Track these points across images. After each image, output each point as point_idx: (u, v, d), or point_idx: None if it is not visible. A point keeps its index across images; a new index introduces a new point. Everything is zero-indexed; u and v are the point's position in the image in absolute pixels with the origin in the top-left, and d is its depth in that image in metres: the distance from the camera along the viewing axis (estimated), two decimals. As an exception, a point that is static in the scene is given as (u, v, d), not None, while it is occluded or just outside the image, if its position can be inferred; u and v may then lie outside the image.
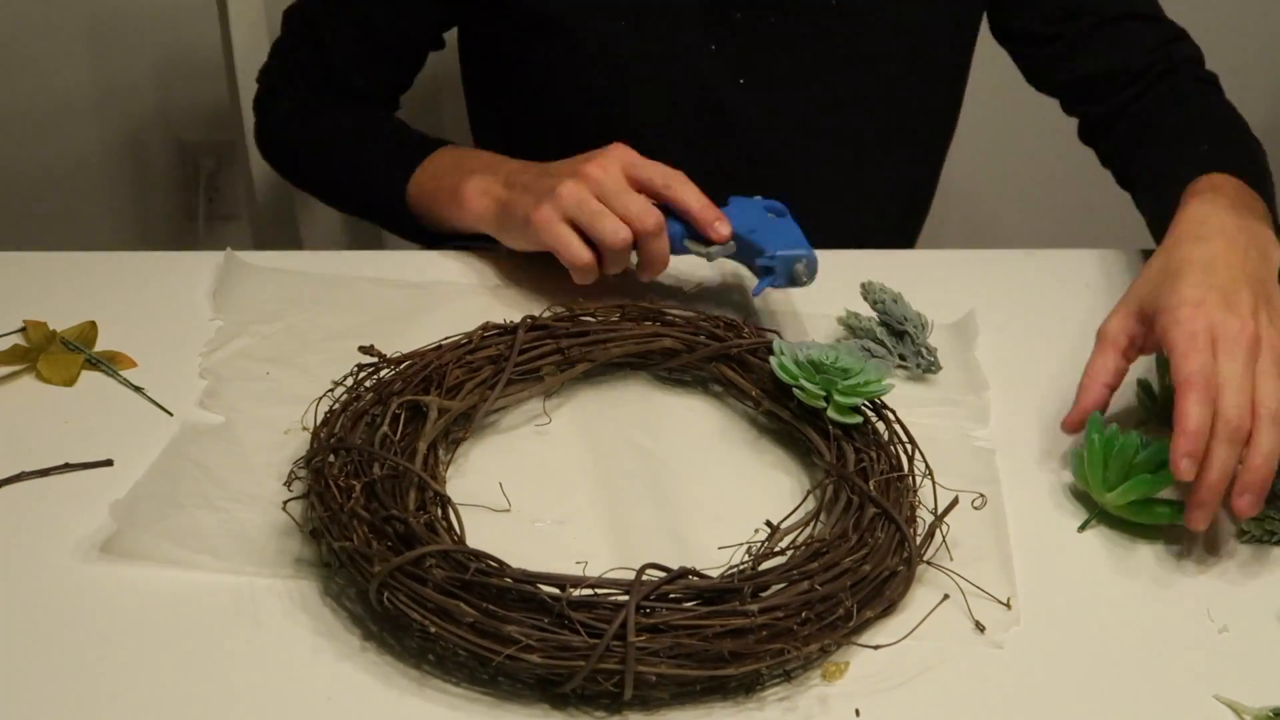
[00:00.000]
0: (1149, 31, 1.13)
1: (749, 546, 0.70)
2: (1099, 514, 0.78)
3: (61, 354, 0.88)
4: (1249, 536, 0.78)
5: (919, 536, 0.73)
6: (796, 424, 0.83)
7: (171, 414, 0.84)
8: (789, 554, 0.69)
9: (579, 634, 0.62)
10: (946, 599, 0.71)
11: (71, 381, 0.87)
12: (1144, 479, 0.76)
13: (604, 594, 0.64)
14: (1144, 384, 0.90)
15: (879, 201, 1.24)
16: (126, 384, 0.87)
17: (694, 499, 0.79)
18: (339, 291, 0.98)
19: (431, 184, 1.06)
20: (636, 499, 0.78)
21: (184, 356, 0.89)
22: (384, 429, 0.75)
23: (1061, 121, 1.30)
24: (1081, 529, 0.78)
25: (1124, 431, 0.79)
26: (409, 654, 0.67)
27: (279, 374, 0.88)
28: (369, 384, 0.81)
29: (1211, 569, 0.76)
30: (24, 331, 0.91)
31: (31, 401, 0.85)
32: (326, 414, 0.78)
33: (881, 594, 0.69)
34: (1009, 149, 1.95)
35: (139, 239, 2.09)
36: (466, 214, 1.01)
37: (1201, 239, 0.88)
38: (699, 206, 0.92)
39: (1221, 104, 1.12)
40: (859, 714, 0.64)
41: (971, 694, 0.66)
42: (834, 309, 0.97)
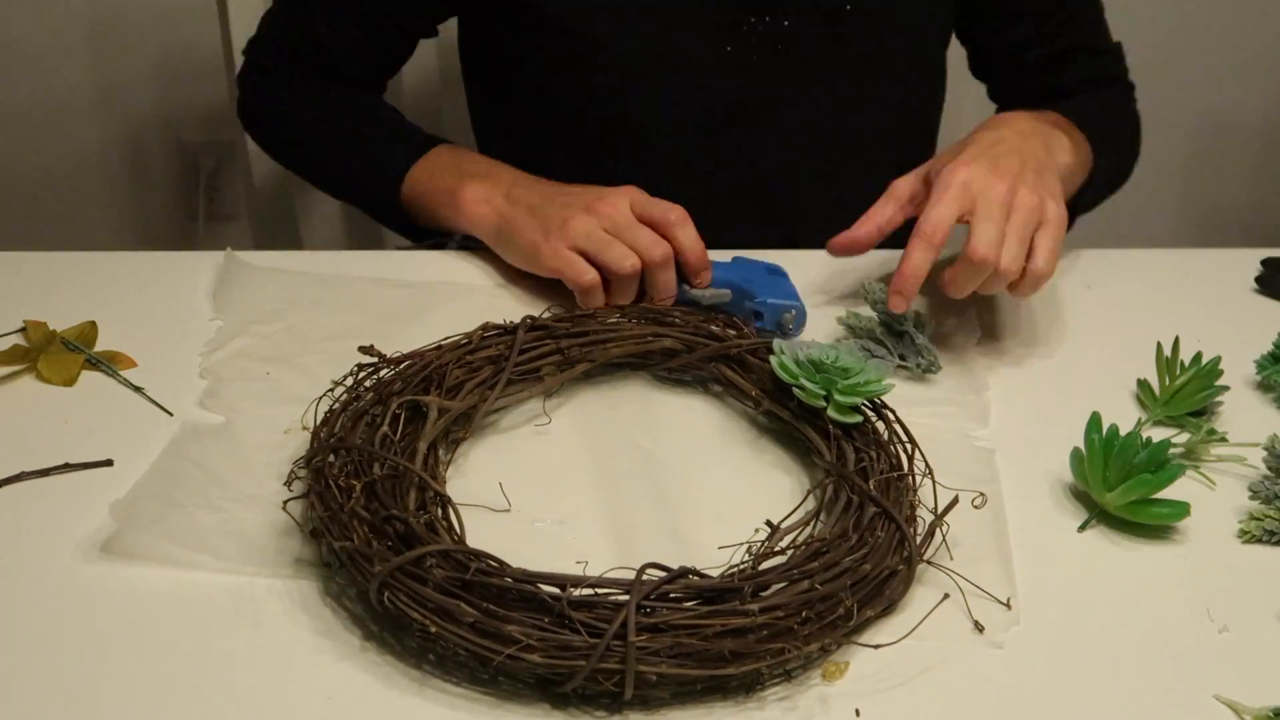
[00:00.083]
0: (1093, 63, 1.22)
1: (749, 546, 0.70)
2: (1099, 514, 0.78)
3: (61, 354, 0.88)
4: (1249, 536, 0.78)
5: (919, 536, 0.73)
6: (796, 424, 0.83)
7: (171, 414, 0.84)
8: (789, 553, 0.69)
9: (579, 634, 0.62)
10: (946, 599, 0.71)
11: (71, 381, 0.87)
12: (1144, 479, 0.76)
13: (604, 594, 0.64)
14: (1144, 384, 0.90)
15: (876, 199, 1.24)
16: (126, 384, 0.87)
17: (694, 499, 0.79)
18: (339, 291, 0.98)
19: (427, 182, 1.06)
20: (636, 499, 0.78)
21: (184, 356, 0.89)
22: (384, 429, 0.75)
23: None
24: (1081, 529, 0.78)
25: (1124, 432, 0.79)
26: (409, 654, 0.66)
27: (279, 374, 0.88)
28: (369, 384, 0.81)
29: (1211, 569, 0.75)
30: (24, 331, 0.91)
31: (31, 401, 0.85)
32: (326, 414, 0.78)
33: (881, 593, 0.69)
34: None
35: (139, 239, 2.09)
36: (462, 219, 1.02)
37: (997, 127, 0.99)
38: (691, 249, 0.94)
39: (1120, 101, 1.22)
40: (859, 714, 0.64)
41: (971, 694, 0.66)
42: (834, 309, 0.97)
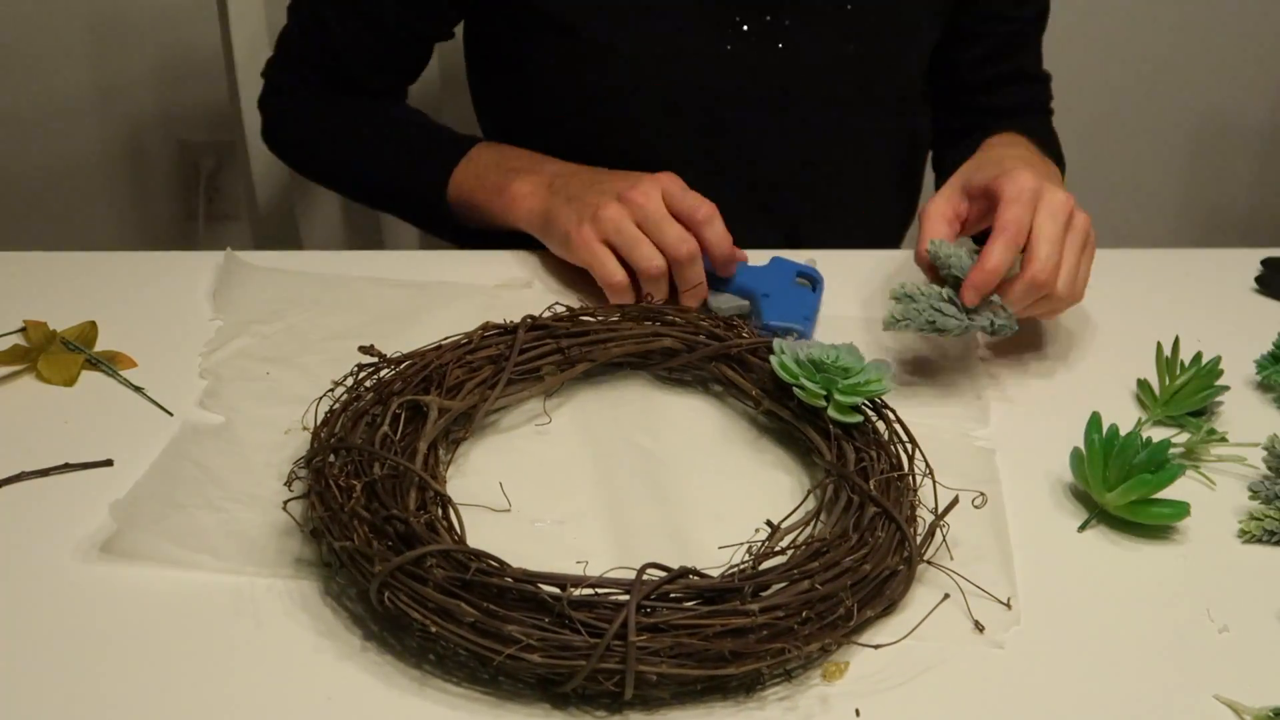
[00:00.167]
0: (1029, 90, 1.27)
1: (749, 546, 0.70)
2: (1099, 514, 0.78)
3: (61, 354, 0.88)
4: (1249, 536, 0.78)
5: (919, 536, 0.73)
6: (796, 423, 0.83)
7: (171, 414, 0.84)
8: (789, 553, 0.69)
9: (580, 634, 0.62)
10: (946, 599, 0.71)
11: (71, 381, 0.87)
12: (1144, 479, 0.76)
13: (604, 594, 0.64)
14: (1144, 384, 0.90)
15: (876, 199, 1.25)
16: (126, 384, 0.87)
17: (694, 499, 0.79)
18: (339, 291, 0.98)
19: (473, 181, 1.07)
20: (637, 499, 0.78)
21: (184, 356, 0.89)
22: (384, 429, 0.75)
23: (1060, 123, 1.29)
24: (1081, 529, 0.78)
25: (1124, 432, 0.79)
26: (409, 654, 0.66)
27: (279, 374, 0.88)
28: (369, 384, 0.81)
29: (1211, 569, 0.76)
30: (24, 331, 0.91)
31: (31, 401, 0.85)
32: (326, 414, 0.78)
33: (882, 593, 0.69)
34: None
35: (139, 239, 2.09)
36: (512, 214, 1.03)
37: (1013, 145, 1.04)
38: (716, 246, 0.94)
39: (1047, 126, 1.28)
40: (859, 714, 0.64)
41: (971, 694, 0.66)
42: (841, 310, 0.98)
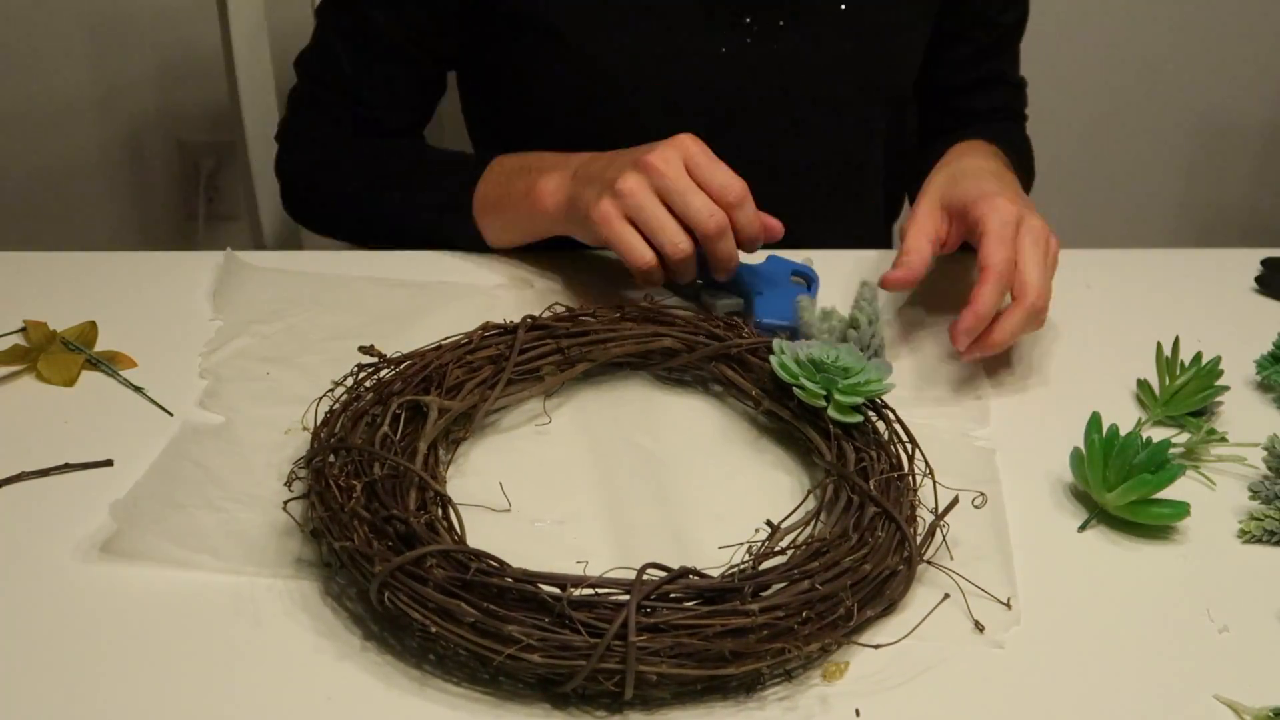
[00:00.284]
0: (1006, 93, 1.29)
1: (749, 546, 0.70)
2: (1099, 514, 0.78)
3: (61, 354, 0.88)
4: (1249, 537, 0.78)
5: (919, 536, 0.73)
6: (796, 423, 0.83)
7: (171, 414, 0.84)
8: (789, 553, 0.69)
9: (580, 634, 0.62)
10: (946, 599, 0.71)
11: (71, 381, 0.87)
12: (1144, 479, 0.76)
13: (605, 594, 0.64)
14: (1144, 384, 0.90)
15: (873, 198, 1.25)
16: (126, 384, 0.87)
17: (694, 499, 0.79)
18: (339, 291, 0.98)
19: (498, 191, 1.02)
20: (636, 499, 0.78)
21: (184, 356, 0.89)
22: (384, 429, 0.75)
23: (1060, 123, 1.30)
24: (1081, 529, 0.78)
25: (1124, 432, 0.79)
26: (409, 654, 0.66)
27: (279, 374, 0.88)
28: (369, 384, 0.81)
29: (1211, 569, 0.76)
30: (24, 331, 0.91)
31: (31, 401, 0.85)
32: (326, 414, 0.78)
33: (882, 593, 0.69)
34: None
35: (139, 239, 2.09)
36: (541, 214, 0.97)
37: (985, 156, 1.04)
38: (745, 229, 0.90)
39: (1020, 132, 1.29)
40: (859, 714, 0.64)
41: (971, 694, 0.66)
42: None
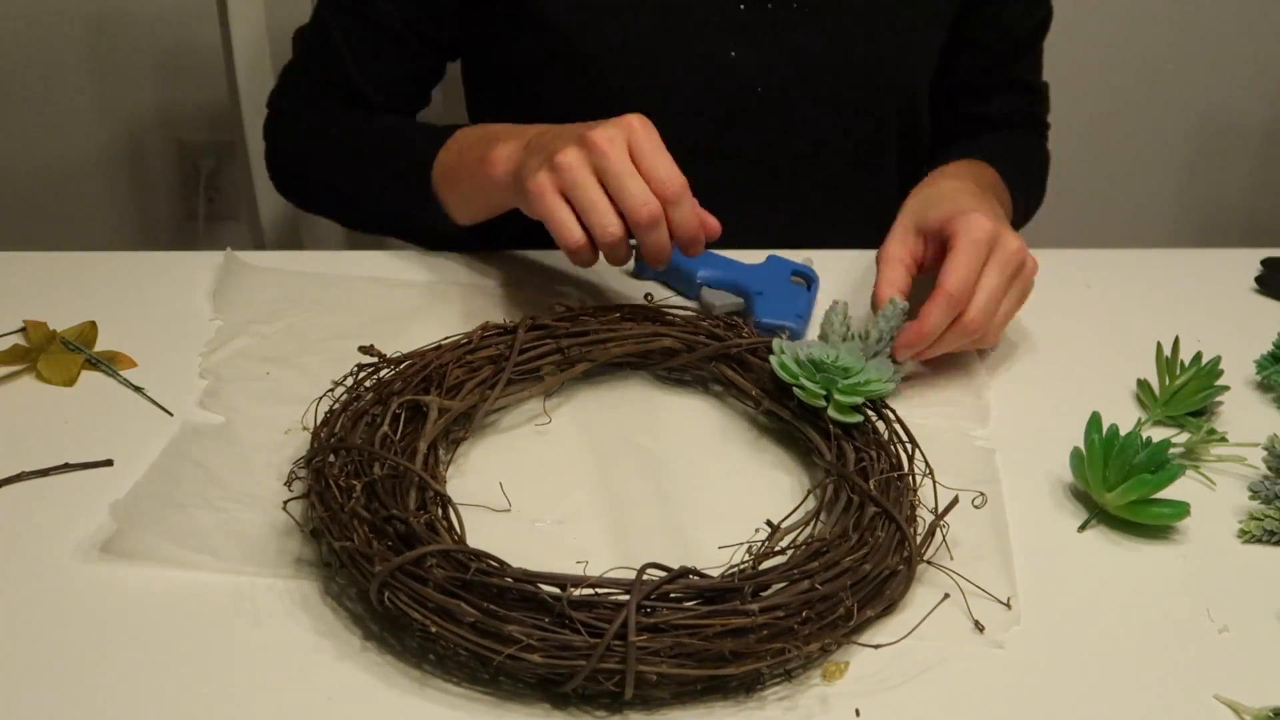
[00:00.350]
0: (1022, 99, 1.28)
1: (749, 546, 0.70)
2: (1099, 514, 0.78)
3: (61, 354, 0.88)
4: (1249, 537, 0.78)
5: (919, 536, 0.73)
6: (796, 423, 0.83)
7: (171, 414, 0.84)
8: (789, 553, 0.69)
9: (580, 634, 0.62)
10: (946, 598, 0.71)
11: (71, 381, 0.87)
12: (1144, 479, 0.76)
13: (604, 593, 0.64)
14: (1144, 384, 0.90)
15: (878, 200, 1.24)
16: (126, 384, 0.87)
17: (694, 499, 0.79)
18: (339, 291, 0.98)
19: (455, 160, 1.00)
20: (636, 499, 0.78)
21: (184, 356, 0.89)
22: (384, 429, 0.75)
23: (1060, 123, 1.30)
24: (1081, 529, 0.78)
25: (1124, 432, 0.79)
26: (409, 654, 0.66)
27: (279, 374, 0.88)
28: (369, 384, 0.81)
29: (1211, 569, 0.76)
30: (24, 331, 0.91)
31: (31, 401, 0.85)
32: (326, 414, 0.78)
33: (882, 593, 0.69)
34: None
35: (139, 239, 2.09)
36: (491, 182, 0.95)
37: (960, 175, 1.03)
38: (681, 228, 0.86)
39: (1037, 143, 1.29)
40: (859, 714, 0.64)
41: (971, 694, 0.66)
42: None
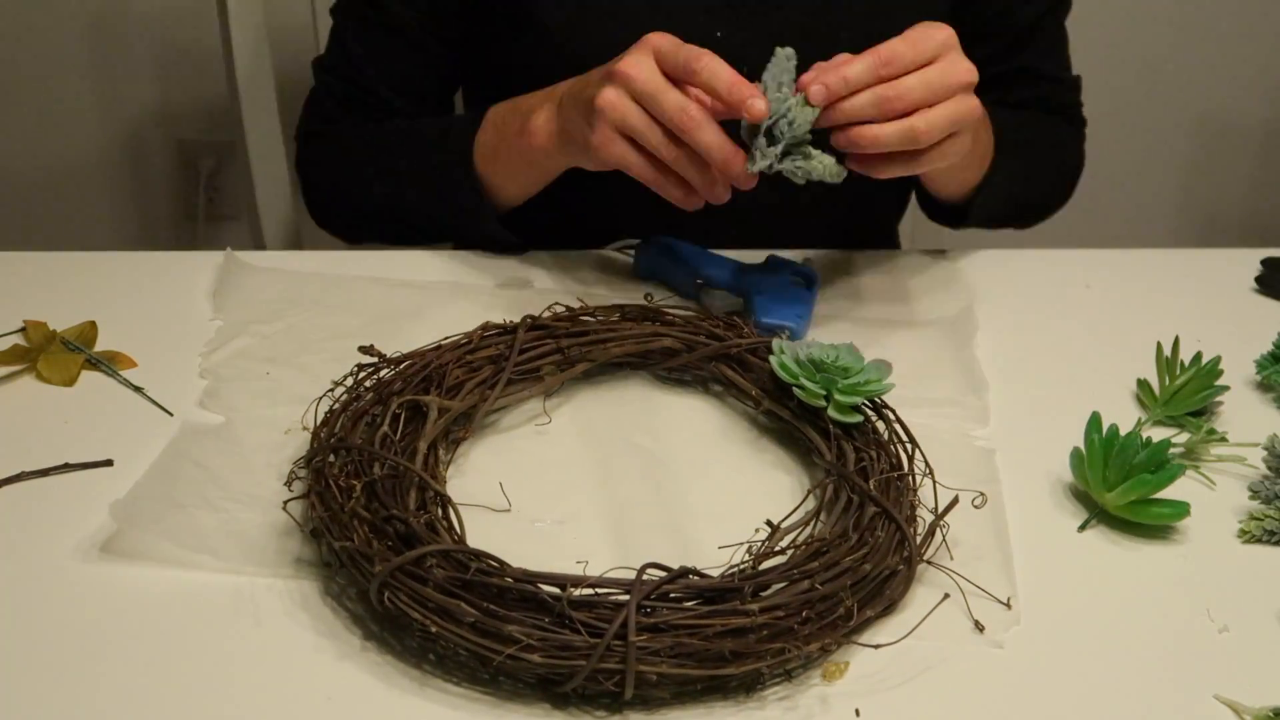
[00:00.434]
0: (1045, 87, 1.22)
1: (749, 546, 0.70)
2: (1099, 514, 0.78)
3: (61, 354, 0.88)
4: (1249, 537, 0.78)
5: (919, 536, 0.73)
6: (796, 423, 0.83)
7: (171, 414, 0.84)
8: (789, 553, 0.69)
9: (580, 634, 0.62)
10: (946, 598, 0.71)
11: (71, 381, 0.87)
12: (1144, 479, 0.76)
13: (605, 593, 0.64)
14: (1144, 384, 0.90)
15: (876, 199, 1.25)
16: (126, 384, 0.87)
17: (694, 499, 0.79)
18: (339, 291, 0.98)
19: (494, 138, 1.03)
20: (636, 499, 0.78)
21: (184, 356, 0.89)
22: (384, 429, 0.75)
23: (1061, 121, 1.29)
24: (1081, 529, 0.78)
25: (1124, 432, 0.79)
26: (409, 654, 0.66)
27: (279, 374, 0.88)
28: (369, 384, 0.81)
29: (1211, 569, 0.76)
30: (24, 331, 0.91)
31: (31, 401, 0.85)
32: (326, 414, 0.78)
33: (882, 593, 0.69)
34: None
35: (139, 239, 2.09)
36: (539, 151, 0.99)
37: None
38: (720, 87, 0.86)
39: (1059, 129, 1.22)
40: (859, 714, 0.64)
41: (971, 694, 0.66)
42: (838, 310, 0.97)
